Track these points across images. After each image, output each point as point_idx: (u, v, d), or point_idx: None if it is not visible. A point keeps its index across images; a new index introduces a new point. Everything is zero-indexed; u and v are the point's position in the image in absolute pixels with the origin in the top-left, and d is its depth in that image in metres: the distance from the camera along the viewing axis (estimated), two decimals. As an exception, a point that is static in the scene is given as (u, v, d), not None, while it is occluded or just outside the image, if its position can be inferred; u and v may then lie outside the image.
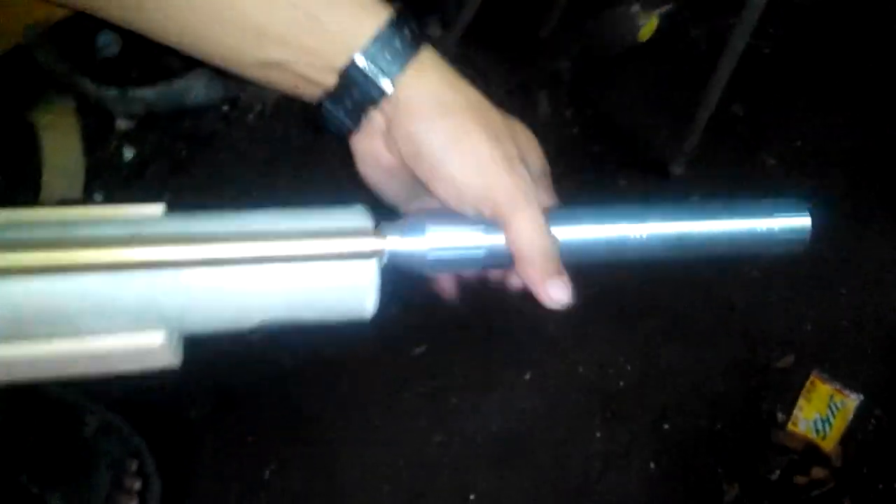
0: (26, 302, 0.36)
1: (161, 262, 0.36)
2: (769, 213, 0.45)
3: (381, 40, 0.35)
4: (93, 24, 1.37)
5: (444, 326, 1.21)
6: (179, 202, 0.39)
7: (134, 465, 1.09)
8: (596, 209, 0.43)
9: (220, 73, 1.35)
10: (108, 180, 1.31)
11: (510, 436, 1.16)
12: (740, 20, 0.95)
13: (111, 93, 1.33)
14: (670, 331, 1.24)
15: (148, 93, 1.34)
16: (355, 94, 0.36)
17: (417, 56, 0.36)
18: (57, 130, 1.32)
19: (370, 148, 0.39)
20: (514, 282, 0.44)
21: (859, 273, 1.30)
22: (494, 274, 0.46)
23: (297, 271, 0.38)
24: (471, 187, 0.36)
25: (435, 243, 0.39)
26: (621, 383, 1.20)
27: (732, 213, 0.45)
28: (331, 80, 0.36)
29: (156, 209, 0.40)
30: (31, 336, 0.37)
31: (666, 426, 1.18)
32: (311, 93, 0.37)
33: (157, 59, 1.41)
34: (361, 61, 0.35)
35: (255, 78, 0.37)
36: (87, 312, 0.37)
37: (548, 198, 0.43)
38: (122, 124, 1.37)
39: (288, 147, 1.35)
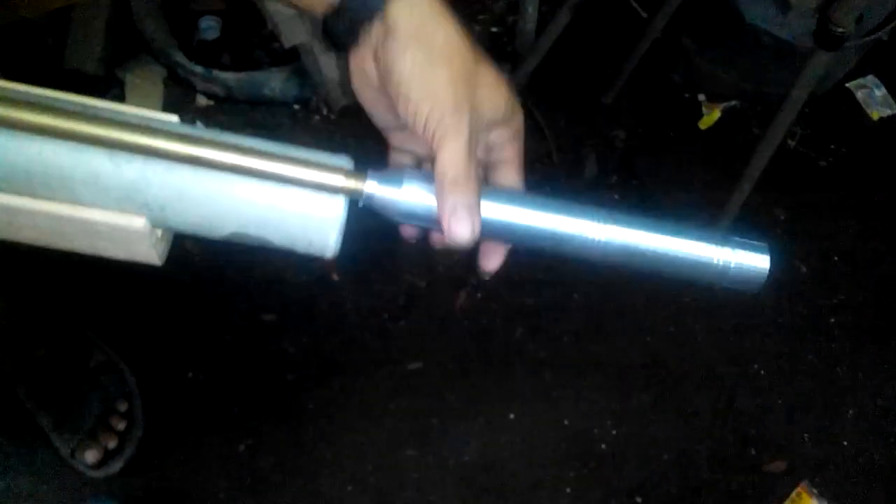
0: (37, 161, 0.41)
1: (155, 150, 0.41)
2: (732, 247, 0.45)
3: None
4: (200, 9, 1.50)
5: (445, 349, 1.24)
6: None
7: (123, 407, 1.15)
8: (566, 202, 0.46)
9: (297, 74, 1.44)
10: (175, 147, 1.40)
11: (483, 467, 1.16)
12: (779, 116, 0.97)
13: (199, 70, 1.43)
14: (665, 407, 1.24)
15: (230, 77, 1.44)
16: (353, 12, 0.42)
17: None
18: (142, 92, 1.43)
19: (362, 63, 0.43)
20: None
21: (872, 397, 1.27)
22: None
23: (274, 191, 0.43)
24: (420, 115, 0.41)
25: (407, 196, 0.43)
26: (604, 446, 1.20)
27: (695, 237, 0.45)
28: None
29: (171, 118, 0.46)
30: (33, 194, 0.42)
31: (639, 500, 1.17)
32: (318, 7, 0.43)
33: (248, 50, 1.52)
34: None
35: None
36: (84, 182, 0.42)
37: (511, 145, 0.46)
38: (201, 101, 1.47)
39: (343, 153, 1.42)
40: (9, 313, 0.97)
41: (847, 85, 1.56)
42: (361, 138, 1.43)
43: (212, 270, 1.25)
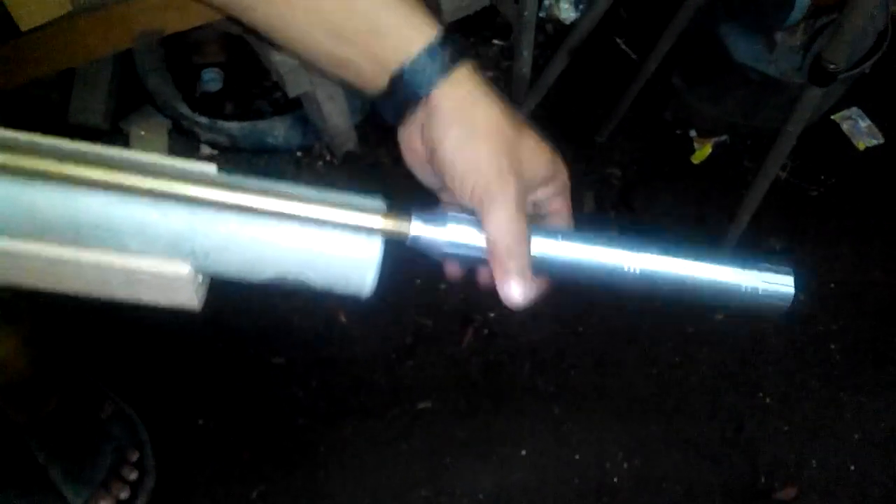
0: (85, 212, 0.43)
1: (201, 200, 0.43)
2: (758, 272, 0.47)
3: (426, 55, 0.44)
4: (202, 62, 1.54)
5: (453, 387, 1.25)
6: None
7: (135, 457, 1.15)
8: (598, 236, 0.48)
9: (300, 121, 1.47)
10: (180, 196, 1.42)
11: (496, 506, 1.17)
12: (775, 149, 1.01)
13: (202, 121, 1.46)
14: (674, 438, 1.25)
15: (234, 127, 1.47)
16: (401, 94, 0.45)
17: (456, 70, 0.44)
18: (148, 144, 1.46)
19: (410, 138, 0.47)
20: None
21: (875, 420, 1.28)
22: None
23: (314, 235, 0.45)
24: (466, 187, 0.44)
25: (451, 236, 0.46)
26: (616, 479, 1.20)
27: (724, 264, 0.47)
28: (384, 81, 0.45)
29: (210, 167, 0.48)
30: (81, 245, 0.44)
31: (653, 533, 1.17)
32: (369, 88, 0.46)
33: (250, 100, 1.55)
34: (409, 69, 0.44)
35: (328, 70, 0.46)
36: (132, 233, 0.44)
37: (558, 199, 0.50)
38: (205, 150, 1.50)
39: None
40: (32, 364, 0.98)
41: (832, 117, 1.61)
42: (364, 182, 1.46)
43: (219, 316, 1.26)
